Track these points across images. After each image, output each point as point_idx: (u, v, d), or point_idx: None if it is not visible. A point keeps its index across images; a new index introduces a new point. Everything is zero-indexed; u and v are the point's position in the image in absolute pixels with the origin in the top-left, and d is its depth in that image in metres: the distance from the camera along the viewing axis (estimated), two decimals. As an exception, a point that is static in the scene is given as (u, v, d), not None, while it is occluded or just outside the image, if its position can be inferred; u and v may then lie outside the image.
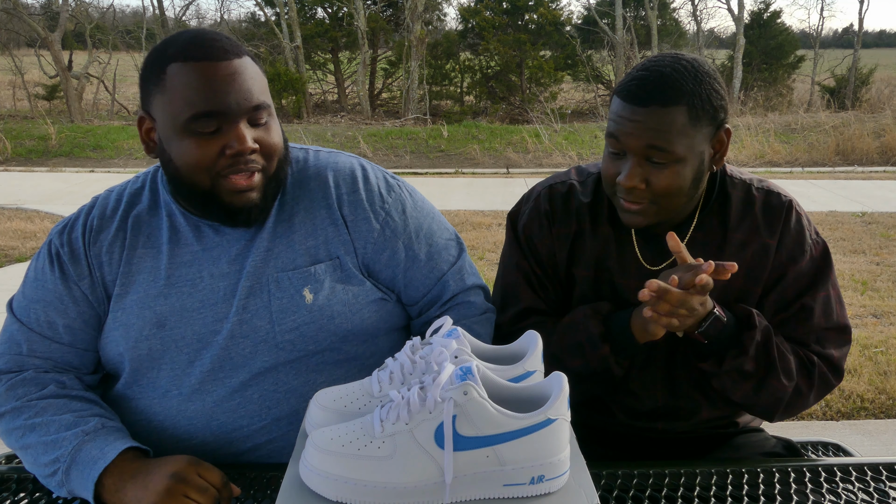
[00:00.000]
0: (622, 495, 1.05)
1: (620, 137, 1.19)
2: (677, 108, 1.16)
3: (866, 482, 1.10)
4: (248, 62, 1.12)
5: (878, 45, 52.22)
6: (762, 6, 17.14)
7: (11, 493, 1.10)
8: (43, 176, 8.99)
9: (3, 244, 5.59)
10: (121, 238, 1.20)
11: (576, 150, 10.84)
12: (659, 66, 1.19)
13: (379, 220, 1.23)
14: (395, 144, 11.25)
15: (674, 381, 1.33)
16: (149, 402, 1.18)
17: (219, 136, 1.09)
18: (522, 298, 1.35)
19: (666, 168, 1.18)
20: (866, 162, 10.16)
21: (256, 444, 1.18)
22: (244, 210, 1.13)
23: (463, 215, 6.66)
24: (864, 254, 5.47)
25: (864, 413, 3.06)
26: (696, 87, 1.17)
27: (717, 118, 1.20)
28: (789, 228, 1.28)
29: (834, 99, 15.66)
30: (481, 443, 0.82)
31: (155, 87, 1.11)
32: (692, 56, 1.23)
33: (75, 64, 15.78)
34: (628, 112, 1.18)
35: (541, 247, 1.36)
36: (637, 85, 1.18)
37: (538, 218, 1.36)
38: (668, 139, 1.16)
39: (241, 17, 22.72)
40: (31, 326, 1.18)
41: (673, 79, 1.16)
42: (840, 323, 1.29)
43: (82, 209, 1.24)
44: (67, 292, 1.18)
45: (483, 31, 15.56)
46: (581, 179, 1.38)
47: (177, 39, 1.12)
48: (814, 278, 1.28)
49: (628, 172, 1.19)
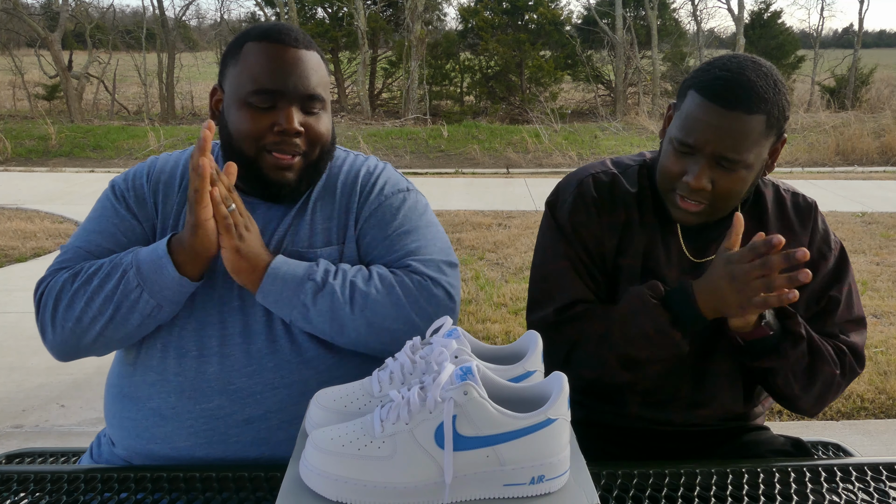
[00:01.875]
0: (622, 495, 1.05)
1: (697, 138, 1.18)
2: (759, 116, 1.16)
3: (866, 482, 1.10)
4: (314, 56, 1.24)
5: (878, 45, 52.27)
6: (762, 6, 17.16)
7: (12, 493, 1.10)
8: (43, 176, 8.99)
9: (3, 244, 5.59)
10: (176, 192, 1.29)
11: (576, 150, 10.84)
12: (742, 68, 1.17)
13: (386, 219, 1.29)
14: (395, 144, 11.25)
15: (703, 372, 1.34)
16: (169, 361, 1.20)
17: (271, 113, 1.20)
18: (571, 288, 1.31)
19: (733, 173, 1.19)
20: (866, 162, 10.17)
21: (268, 411, 1.20)
22: (278, 185, 1.23)
23: (463, 215, 6.66)
24: (864, 254, 5.47)
25: (864, 413, 3.06)
26: (776, 97, 1.17)
27: (782, 128, 1.22)
28: (818, 227, 1.35)
29: (834, 99, 15.67)
30: (481, 443, 0.82)
31: (231, 60, 1.24)
32: (768, 63, 1.23)
33: (75, 64, 15.78)
34: (711, 114, 1.16)
35: (588, 235, 1.32)
36: (723, 86, 1.16)
37: (585, 206, 1.33)
38: (743, 148, 1.16)
39: (241, 16, 22.76)
40: (91, 250, 1.24)
41: (759, 86, 1.16)
42: (859, 314, 1.34)
43: (143, 165, 1.33)
44: (130, 227, 1.26)
45: (483, 31, 15.56)
46: (621, 170, 1.37)
47: (260, 25, 1.27)
48: (838, 274, 1.33)
49: (698, 173, 1.19)
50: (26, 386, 3.24)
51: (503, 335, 3.85)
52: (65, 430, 2.88)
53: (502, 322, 4.01)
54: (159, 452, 1.21)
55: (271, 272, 1.17)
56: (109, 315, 1.16)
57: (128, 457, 1.25)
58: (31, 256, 5.33)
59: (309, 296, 1.17)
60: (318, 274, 1.19)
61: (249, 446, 1.20)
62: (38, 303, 1.20)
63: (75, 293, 1.17)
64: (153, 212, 1.28)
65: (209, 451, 1.19)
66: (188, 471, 1.10)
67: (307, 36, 1.25)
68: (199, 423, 1.19)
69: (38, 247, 5.54)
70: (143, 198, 1.28)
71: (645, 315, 1.22)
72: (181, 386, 1.19)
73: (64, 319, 1.17)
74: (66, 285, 1.18)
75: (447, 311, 1.22)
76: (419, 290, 1.21)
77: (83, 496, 1.05)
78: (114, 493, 1.05)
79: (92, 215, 1.29)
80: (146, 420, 1.21)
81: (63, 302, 1.17)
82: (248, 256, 1.16)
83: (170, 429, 1.20)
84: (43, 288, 1.21)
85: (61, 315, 1.18)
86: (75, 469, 1.13)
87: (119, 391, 1.25)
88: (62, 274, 1.21)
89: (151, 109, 15.87)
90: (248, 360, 1.20)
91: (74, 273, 1.19)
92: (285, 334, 1.21)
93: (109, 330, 1.17)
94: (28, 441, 2.80)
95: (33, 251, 5.43)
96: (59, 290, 1.18)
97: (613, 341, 1.25)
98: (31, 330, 3.88)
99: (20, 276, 4.89)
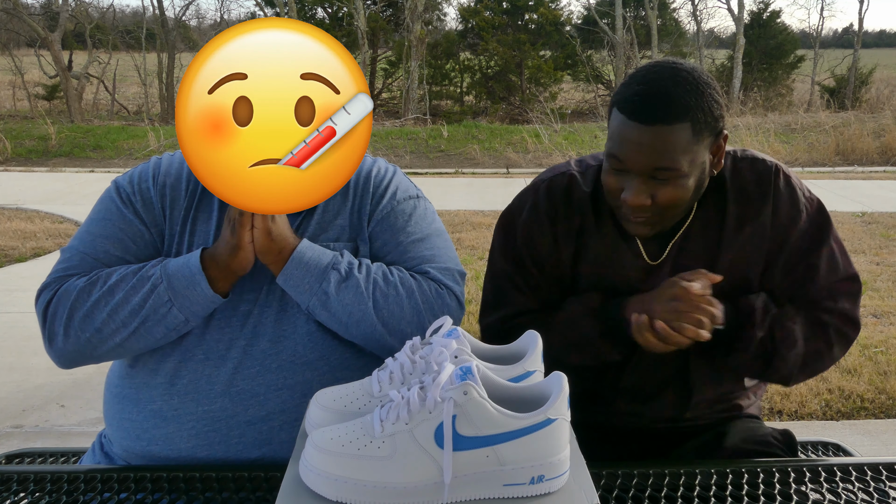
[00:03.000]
0: (622, 495, 1.05)
1: (624, 157, 1.17)
2: (682, 125, 1.14)
3: (866, 482, 1.10)
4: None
5: (878, 45, 52.28)
6: (762, 6, 17.17)
7: (11, 493, 1.10)
8: (43, 176, 8.99)
9: (3, 244, 5.59)
10: (183, 197, 1.27)
11: (576, 149, 10.85)
12: (659, 78, 1.16)
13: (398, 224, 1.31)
14: (395, 144, 11.25)
15: (686, 365, 1.34)
16: (173, 364, 1.20)
17: None
18: (514, 302, 1.34)
19: (670, 183, 1.17)
20: (866, 162, 10.17)
21: (270, 413, 1.20)
22: None
23: (463, 215, 6.66)
24: (864, 254, 5.47)
25: (864, 413, 3.06)
26: (699, 101, 1.15)
27: (717, 128, 1.19)
28: (780, 191, 1.29)
29: (834, 99, 15.67)
30: (481, 443, 0.82)
31: None
32: (690, 65, 1.21)
33: (75, 64, 15.78)
34: (632, 132, 1.15)
35: (541, 247, 1.33)
36: (640, 102, 1.15)
37: (538, 218, 1.33)
38: (672, 158, 1.15)
39: (241, 17, 22.73)
40: (98, 257, 1.22)
41: (676, 95, 1.14)
42: (847, 273, 1.29)
43: (147, 166, 1.31)
44: (139, 234, 1.24)
45: (483, 31, 15.57)
46: (581, 170, 1.36)
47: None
48: (815, 235, 1.28)
49: (634, 191, 1.18)
50: (26, 386, 3.24)
51: (503, 335, 3.84)
52: (65, 430, 2.88)
53: (502, 322, 4.01)
54: (159, 454, 1.21)
55: (296, 256, 1.18)
56: (134, 327, 1.16)
57: (126, 458, 1.25)
58: (31, 256, 5.33)
59: (332, 285, 1.18)
60: (342, 265, 1.20)
61: (251, 447, 1.20)
62: (46, 310, 1.18)
63: (95, 304, 1.15)
64: (161, 217, 1.26)
65: (210, 453, 1.19)
66: (188, 471, 1.10)
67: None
68: (200, 425, 1.19)
69: (38, 247, 5.54)
70: (150, 202, 1.26)
71: (577, 325, 1.28)
72: (184, 388, 1.19)
73: (80, 330, 1.16)
74: (82, 295, 1.16)
75: (456, 322, 1.25)
76: (436, 298, 1.23)
77: (83, 496, 1.05)
78: (114, 493, 1.05)
79: (95, 217, 1.27)
80: (147, 422, 1.20)
81: (80, 311, 1.16)
82: (277, 238, 1.17)
83: (171, 430, 1.19)
84: (51, 296, 1.18)
85: (77, 325, 1.16)
86: (75, 469, 1.13)
87: (119, 392, 1.25)
88: (74, 282, 1.18)
89: (151, 109, 15.87)
90: (252, 362, 1.20)
91: (91, 282, 1.17)
92: (290, 336, 1.22)
93: (130, 342, 1.17)
94: (28, 441, 2.80)
95: (33, 251, 5.43)
96: (74, 300, 1.16)
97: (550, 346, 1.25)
98: (30, 330, 3.88)
99: (20, 276, 4.89)
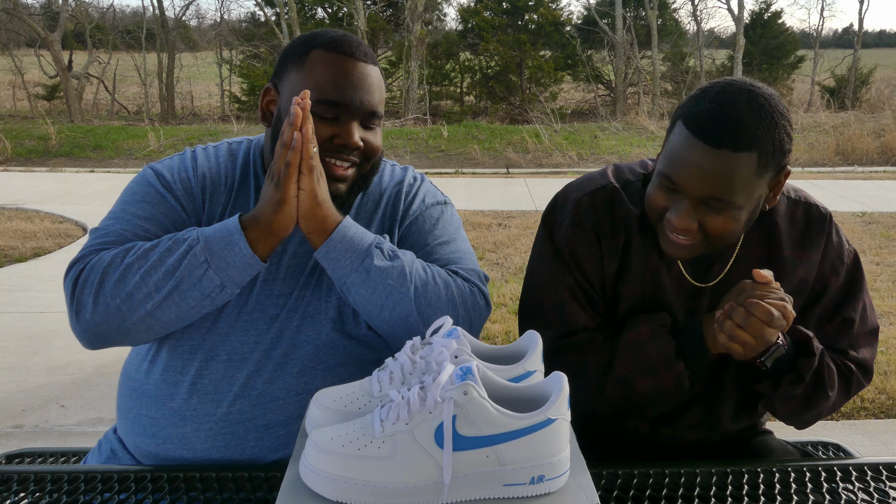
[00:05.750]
0: (622, 495, 1.05)
1: (680, 179, 1.10)
2: (749, 154, 1.06)
3: (866, 482, 1.10)
4: (377, 72, 1.25)
5: (878, 45, 52.27)
6: (762, 6, 17.17)
7: (11, 494, 1.10)
8: (43, 176, 8.99)
9: (3, 244, 5.59)
10: (222, 192, 1.27)
11: (576, 150, 10.85)
12: (734, 101, 1.07)
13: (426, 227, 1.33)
14: (395, 144, 11.25)
15: (713, 399, 1.33)
16: (196, 363, 1.20)
17: (333, 125, 1.20)
18: (573, 317, 1.26)
19: (722, 213, 1.10)
20: (866, 162, 10.17)
21: (289, 417, 1.20)
22: (331, 197, 1.20)
23: (463, 215, 6.66)
24: (864, 254, 5.47)
25: (864, 413, 3.06)
26: (770, 133, 1.07)
27: (781, 163, 1.12)
28: (831, 241, 1.28)
29: (834, 99, 15.68)
30: (481, 443, 0.82)
31: (294, 65, 1.22)
32: (768, 91, 1.11)
33: (75, 64, 15.79)
34: (695, 152, 1.07)
35: (587, 262, 1.26)
36: (710, 121, 1.07)
37: (584, 231, 1.26)
38: (731, 190, 1.07)
39: (241, 16, 22.75)
40: (138, 233, 1.19)
41: (750, 122, 1.06)
42: (872, 326, 1.30)
43: (184, 157, 1.30)
44: (180, 220, 1.23)
45: (483, 32, 15.57)
46: (622, 184, 1.28)
47: (328, 32, 1.24)
48: (851, 288, 1.28)
49: (681, 214, 1.11)
50: (26, 386, 3.24)
51: (503, 335, 3.85)
52: (65, 430, 2.88)
53: (502, 322, 4.01)
54: (174, 454, 1.20)
55: (342, 229, 1.16)
56: (167, 292, 1.11)
57: (138, 457, 1.24)
58: (31, 256, 5.33)
59: (374, 262, 1.16)
60: (385, 245, 1.19)
61: (267, 451, 1.19)
62: (76, 280, 1.13)
63: (128, 268, 1.11)
64: (201, 208, 1.25)
65: (226, 454, 1.19)
66: (188, 471, 1.10)
67: (371, 50, 1.25)
68: (218, 426, 1.18)
69: (38, 247, 5.54)
70: (191, 191, 1.25)
71: (652, 344, 1.20)
72: (205, 388, 1.19)
73: (111, 296, 1.11)
74: (115, 260, 1.12)
75: (482, 320, 1.26)
76: (469, 295, 1.23)
77: (83, 496, 1.05)
78: (114, 493, 1.05)
79: (131, 199, 1.23)
80: (164, 419, 1.20)
81: (112, 276, 1.11)
82: (323, 204, 1.15)
83: (188, 430, 1.19)
84: (82, 266, 1.14)
85: (109, 290, 1.11)
86: (75, 469, 1.13)
87: (139, 388, 1.23)
88: (107, 252, 1.14)
89: (151, 109, 15.88)
90: (273, 365, 1.19)
91: (126, 249, 1.14)
92: (312, 342, 1.21)
93: (161, 309, 1.12)
94: (28, 441, 2.80)
95: (33, 251, 5.43)
96: (107, 265, 1.12)
97: (616, 370, 1.22)
98: (30, 330, 3.88)
99: (20, 276, 4.89)
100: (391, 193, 1.34)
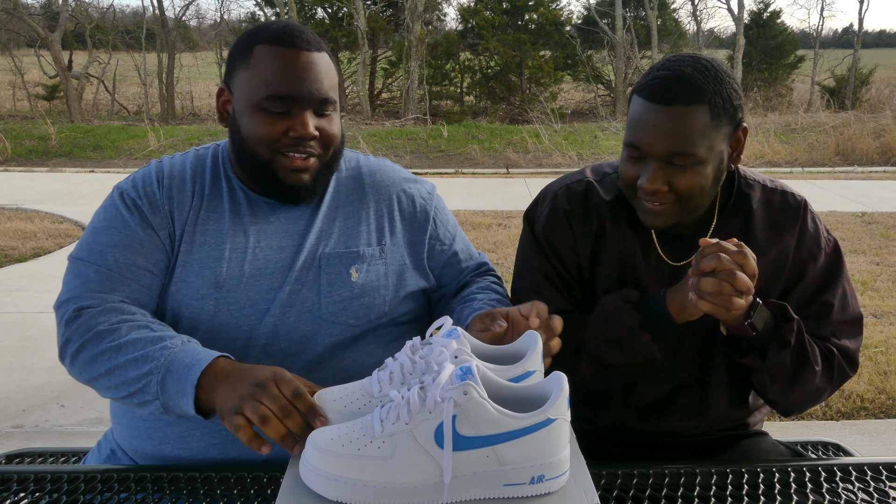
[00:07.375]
0: (622, 495, 1.05)
1: (641, 142, 1.18)
2: (700, 107, 1.16)
3: (866, 482, 1.10)
4: (325, 58, 1.24)
5: (878, 45, 52.30)
6: (762, 6, 17.17)
7: (11, 493, 1.10)
8: (43, 176, 8.99)
9: (3, 244, 5.59)
10: (189, 198, 1.26)
11: (576, 150, 10.85)
12: (680, 65, 1.19)
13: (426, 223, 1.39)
14: (395, 144, 11.25)
15: (702, 384, 1.33)
16: None
17: (286, 118, 1.20)
18: (548, 301, 1.28)
19: (687, 169, 1.18)
20: (866, 162, 10.17)
21: None
22: (295, 188, 1.23)
23: (463, 215, 6.66)
24: (864, 254, 5.47)
25: (864, 413, 3.06)
26: (718, 87, 1.17)
27: (735, 117, 1.21)
28: (807, 227, 1.31)
29: (834, 99, 15.68)
30: (481, 443, 0.82)
31: (240, 62, 1.22)
32: (710, 57, 1.23)
33: (75, 64, 15.79)
34: (651, 113, 1.17)
35: (562, 247, 1.34)
36: (659, 84, 1.17)
37: (557, 218, 1.35)
38: (690, 142, 1.16)
39: (241, 16, 22.76)
40: (111, 268, 1.20)
41: (695, 78, 1.16)
42: (854, 315, 1.32)
43: (149, 169, 1.30)
44: (147, 238, 1.22)
45: (483, 31, 15.57)
46: (598, 178, 1.37)
47: (269, 25, 1.24)
48: (830, 275, 1.31)
49: (650, 176, 1.19)
50: (26, 386, 3.24)
51: (503, 335, 3.84)
52: (65, 430, 2.89)
53: (502, 322, 4.00)
54: (171, 453, 1.20)
55: None
56: (121, 397, 1.13)
57: (134, 458, 1.24)
58: (31, 256, 5.33)
59: None
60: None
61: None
62: (67, 326, 1.16)
63: (100, 354, 1.12)
64: (169, 219, 1.24)
65: (223, 453, 1.19)
66: (188, 471, 1.10)
67: (316, 36, 1.25)
68: (214, 424, 1.18)
69: (38, 247, 5.54)
70: (156, 205, 1.24)
71: (616, 318, 1.25)
72: None
73: (81, 370, 1.15)
74: (95, 339, 1.13)
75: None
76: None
77: (83, 496, 1.05)
78: (114, 493, 1.05)
79: (99, 226, 1.24)
80: (159, 420, 1.20)
81: (86, 353, 1.14)
82: None
83: (184, 429, 1.19)
84: (72, 315, 1.16)
85: (81, 363, 1.15)
86: (75, 469, 1.13)
87: None
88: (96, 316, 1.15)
89: (151, 109, 15.88)
90: (271, 363, 1.18)
91: (109, 328, 1.13)
92: (312, 338, 1.22)
93: (118, 400, 1.15)
94: (28, 441, 2.80)
95: (33, 251, 5.43)
96: (89, 338, 1.13)
97: (587, 347, 1.27)
98: (31, 330, 3.88)
99: (20, 276, 4.89)
100: (375, 189, 1.36)
